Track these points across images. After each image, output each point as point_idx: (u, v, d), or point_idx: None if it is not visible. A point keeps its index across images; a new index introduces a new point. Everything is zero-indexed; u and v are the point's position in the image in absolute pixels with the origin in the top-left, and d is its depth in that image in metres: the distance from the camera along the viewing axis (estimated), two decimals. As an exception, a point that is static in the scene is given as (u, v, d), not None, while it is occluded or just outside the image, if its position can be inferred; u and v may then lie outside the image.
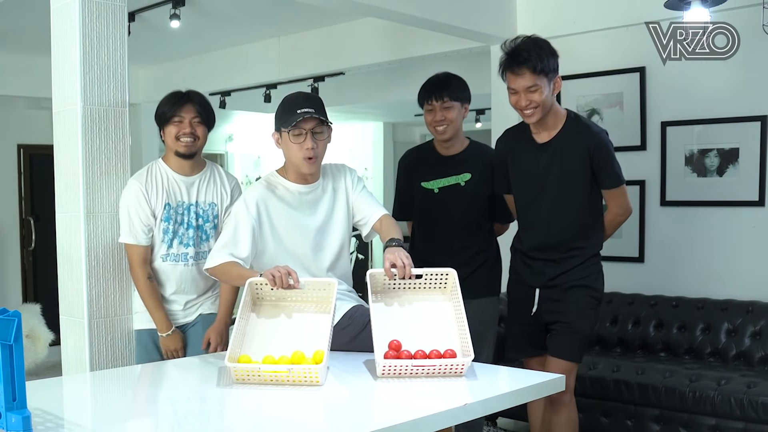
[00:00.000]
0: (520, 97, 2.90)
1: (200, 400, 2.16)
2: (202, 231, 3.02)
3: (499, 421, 4.50)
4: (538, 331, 3.10)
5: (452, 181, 3.34)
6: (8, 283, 7.43)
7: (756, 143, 4.10)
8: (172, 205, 2.97)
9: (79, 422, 1.89)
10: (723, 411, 3.54)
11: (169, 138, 2.98)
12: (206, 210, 3.03)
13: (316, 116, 2.57)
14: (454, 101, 3.27)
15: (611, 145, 3.01)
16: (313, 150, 2.58)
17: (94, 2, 2.97)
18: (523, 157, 3.07)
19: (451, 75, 3.36)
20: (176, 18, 5.04)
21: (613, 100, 4.55)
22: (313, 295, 2.44)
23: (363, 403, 2.09)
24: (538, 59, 2.85)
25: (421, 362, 2.23)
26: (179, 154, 2.99)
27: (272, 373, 2.14)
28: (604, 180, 3.00)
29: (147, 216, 2.93)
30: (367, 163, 9.77)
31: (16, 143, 7.44)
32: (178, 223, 2.97)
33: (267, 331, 2.39)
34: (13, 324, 1.56)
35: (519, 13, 4.82)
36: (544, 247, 3.02)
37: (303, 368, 2.13)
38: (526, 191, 3.08)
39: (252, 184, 2.82)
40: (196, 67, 6.98)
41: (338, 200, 2.73)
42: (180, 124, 2.97)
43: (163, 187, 2.97)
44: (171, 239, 2.97)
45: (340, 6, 4.39)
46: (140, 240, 2.94)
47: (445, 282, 2.49)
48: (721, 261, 4.23)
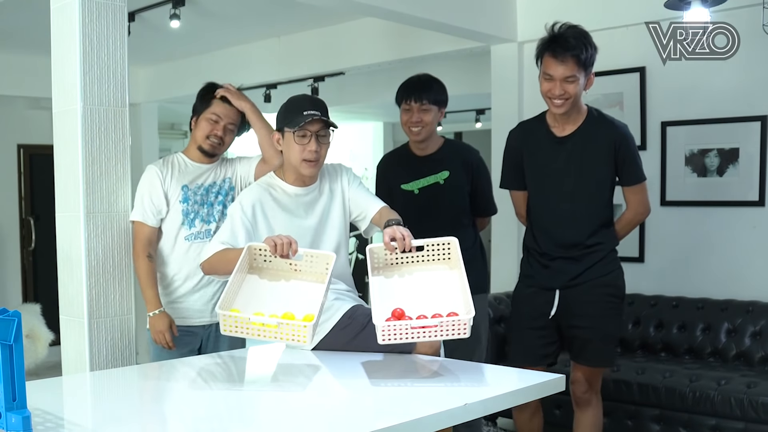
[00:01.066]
0: (555, 86, 2.82)
1: (201, 400, 2.16)
2: (223, 206, 3.07)
3: (499, 421, 4.50)
4: (551, 336, 3.02)
5: (431, 180, 3.35)
6: (8, 283, 7.43)
7: (756, 143, 4.10)
8: (190, 187, 3.04)
9: (79, 422, 1.89)
10: (723, 411, 3.54)
11: (200, 132, 3.05)
12: (223, 186, 3.10)
13: (323, 119, 2.57)
14: (432, 105, 3.28)
15: (634, 141, 2.97)
16: (316, 153, 2.58)
17: (94, 2, 2.97)
18: (542, 151, 3.00)
19: (432, 78, 3.37)
20: (176, 18, 5.04)
21: (613, 100, 4.55)
22: (310, 267, 2.43)
23: (363, 403, 2.09)
24: (583, 48, 2.78)
25: (421, 322, 2.16)
26: (202, 150, 3.06)
27: (261, 326, 2.12)
28: (628, 175, 2.93)
29: (159, 198, 2.99)
30: (367, 163, 9.76)
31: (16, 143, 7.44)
32: (197, 203, 3.04)
33: (261, 293, 2.38)
34: (13, 324, 1.56)
35: (519, 13, 4.82)
36: (564, 244, 2.95)
37: (292, 324, 2.12)
38: (543, 185, 3.01)
39: (249, 186, 2.83)
40: (196, 67, 6.97)
41: (335, 201, 2.72)
42: (215, 125, 3.04)
43: (180, 170, 3.05)
44: (192, 219, 3.03)
45: (340, 6, 4.39)
46: (148, 219, 2.99)
47: (448, 253, 2.46)
48: (721, 261, 4.23)
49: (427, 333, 2.16)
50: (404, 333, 2.16)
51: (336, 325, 2.52)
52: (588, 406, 3.04)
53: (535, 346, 3.04)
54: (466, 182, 3.35)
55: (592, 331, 2.94)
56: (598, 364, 2.98)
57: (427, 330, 2.15)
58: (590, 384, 2.99)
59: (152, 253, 3.01)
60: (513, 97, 4.82)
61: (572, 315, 2.96)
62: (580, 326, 2.96)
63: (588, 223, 2.93)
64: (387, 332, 2.16)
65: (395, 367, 2.36)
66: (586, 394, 3.01)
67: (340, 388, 2.20)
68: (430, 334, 2.16)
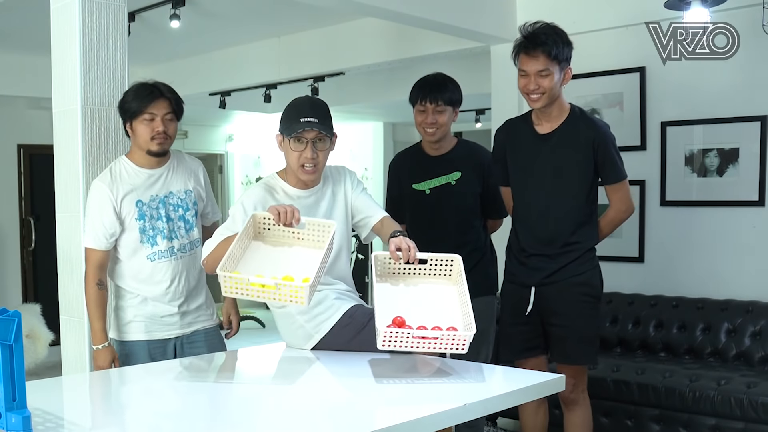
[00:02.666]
0: (530, 81, 2.91)
1: (201, 399, 2.16)
2: (184, 221, 2.91)
3: (499, 421, 4.50)
4: (533, 331, 3.06)
5: (443, 180, 3.34)
6: (8, 283, 7.43)
7: (756, 143, 4.10)
8: (144, 201, 2.84)
9: (79, 422, 1.89)
10: (723, 411, 3.54)
11: (141, 137, 2.81)
12: (184, 199, 2.92)
13: (318, 129, 2.53)
14: (447, 105, 3.27)
15: (614, 140, 3.01)
16: (312, 160, 2.55)
17: (94, 2, 2.97)
18: (523, 147, 3.06)
19: (446, 77, 3.35)
20: (176, 18, 5.05)
21: (613, 100, 4.56)
22: (313, 236, 2.45)
23: (363, 403, 2.09)
24: (554, 44, 2.87)
25: (423, 333, 2.18)
26: (153, 153, 2.84)
27: (260, 287, 2.16)
28: (607, 174, 2.98)
29: (111, 220, 2.80)
30: (367, 163, 9.77)
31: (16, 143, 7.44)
32: (154, 218, 2.85)
33: (262, 259, 2.40)
34: (13, 324, 1.56)
35: (519, 13, 4.82)
36: (539, 240, 2.99)
37: (291, 285, 2.16)
38: (524, 181, 3.06)
39: (251, 186, 2.79)
40: (196, 67, 6.98)
41: (337, 203, 2.71)
42: (152, 123, 2.80)
43: (131, 184, 2.84)
44: (153, 236, 2.85)
45: (340, 6, 4.39)
46: (100, 245, 2.82)
47: (450, 269, 2.48)
48: (721, 261, 4.23)
49: (427, 344, 2.19)
50: (404, 341, 2.19)
51: (337, 324, 2.52)
52: (575, 406, 3.08)
53: (517, 341, 3.11)
54: (478, 183, 3.34)
55: (567, 329, 2.99)
56: (576, 361, 3.02)
57: (426, 341, 2.19)
58: (575, 383, 3.02)
59: (103, 280, 2.84)
60: (513, 97, 4.82)
61: (550, 313, 3.02)
62: (556, 324, 3.01)
63: (564, 220, 2.98)
64: (388, 338, 2.18)
65: (396, 366, 2.36)
66: (573, 394, 3.04)
67: (340, 388, 2.21)
68: (429, 345, 2.19)
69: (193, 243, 2.94)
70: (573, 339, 3.00)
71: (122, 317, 2.91)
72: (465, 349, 2.19)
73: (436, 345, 2.18)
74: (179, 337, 2.94)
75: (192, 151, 10.14)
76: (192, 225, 2.94)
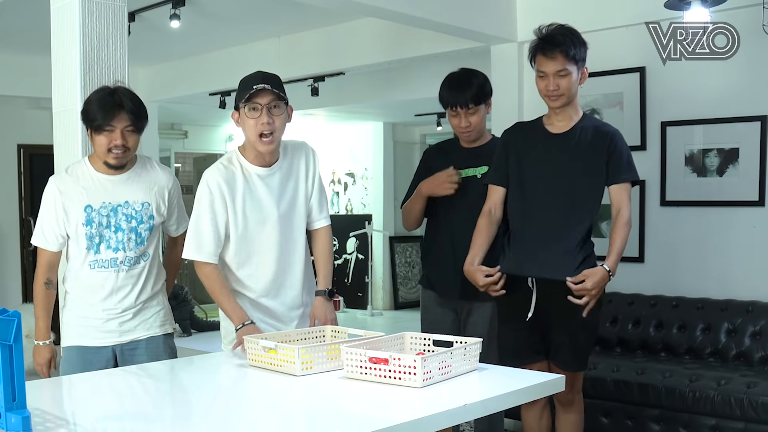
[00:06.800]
0: (549, 81, 2.91)
1: (201, 399, 2.16)
2: (136, 233, 2.77)
3: (499, 421, 4.49)
4: (536, 335, 3.03)
5: (470, 173, 3.34)
6: (8, 283, 7.44)
7: (756, 143, 4.10)
8: (94, 207, 2.72)
9: (79, 422, 1.89)
10: (723, 411, 3.54)
11: (100, 148, 2.70)
12: (139, 211, 2.78)
13: (272, 90, 2.54)
14: (479, 105, 3.26)
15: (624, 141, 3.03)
16: (269, 125, 2.55)
17: (94, 2, 2.97)
18: (535, 147, 3.04)
19: (471, 73, 3.31)
20: (176, 18, 5.05)
21: (613, 100, 4.56)
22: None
23: (363, 403, 2.09)
24: (571, 44, 2.89)
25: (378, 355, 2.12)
26: (109, 165, 2.74)
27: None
28: (617, 171, 2.95)
29: (60, 223, 2.73)
30: (367, 163, 9.76)
31: (16, 143, 7.46)
32: (102, 226, 2.73)
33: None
34: (13, 324, 1.56)
35: (519, 13, 4.82)
36: (543, 238, 2.96)
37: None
38: (534, 181, 3.02)
39: (213, 165, 2.68)
40: (196, 67, 6.98)
41: (299, 181, 2.73)
42: (111, 134, 2.68)
43: (84, 188, 2.73)
44: (98, 244, 2.73)
45: (340, 6, 4.39)
46: (50, 246, 2.77)
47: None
48: (721, 261, 4.23)
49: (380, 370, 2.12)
50: (359, 363, 2.17)
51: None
52: (571, 406, 3.09)
53: (524, 348, 3.05)
54: None
55: (567, 335, 2.98)
56: (575, 369, 3.02)
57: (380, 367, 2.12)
58: (572, 384, 3.02)
59: (52, 279, 2.80)
60: (513, 97, 4.82)
61: (548, 317, 2.99)
62: (555, 329, 2.99)
63: (573, 219, 2.95)
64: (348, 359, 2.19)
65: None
66: (569, 395, 3.04)
67: (340, 388, 2.20)
68: (381, 372, 2.13)
69: (141, 257, 2.80)
70: (569, 344, 2.98)
71: (62, 320, 2.88)
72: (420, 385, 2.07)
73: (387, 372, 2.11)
74: (117, 345, 2.82)
75: (192, 151, 10.16)
76: (143, 239, 2.79)
